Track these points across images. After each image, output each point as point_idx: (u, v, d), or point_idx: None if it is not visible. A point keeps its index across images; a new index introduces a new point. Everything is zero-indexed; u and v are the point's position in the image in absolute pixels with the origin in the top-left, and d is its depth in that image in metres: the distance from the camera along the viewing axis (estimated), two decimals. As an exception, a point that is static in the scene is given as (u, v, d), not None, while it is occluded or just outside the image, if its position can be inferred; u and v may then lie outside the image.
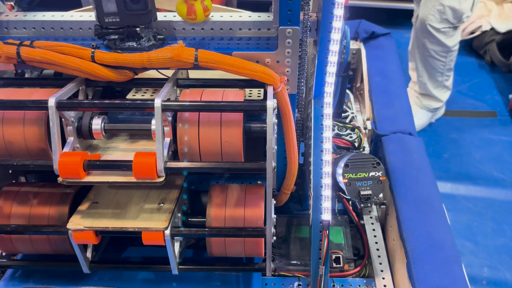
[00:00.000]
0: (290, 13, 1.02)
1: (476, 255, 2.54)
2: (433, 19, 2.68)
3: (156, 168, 1.00)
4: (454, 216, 2.72)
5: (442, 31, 2.74)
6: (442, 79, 3.06)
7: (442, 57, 2.90)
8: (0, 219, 1.13)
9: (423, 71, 3.03)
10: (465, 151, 3.21)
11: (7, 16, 1.16)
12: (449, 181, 3.00)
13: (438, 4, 2.63)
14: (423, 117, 3.28)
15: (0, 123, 1.03)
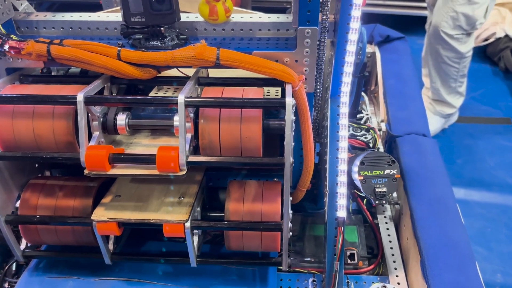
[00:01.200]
0: (309, 14, 1.05)
1: (489, 261, 2.53)
2: (447, 25, 2.70)
3: (179, 161, 1.03)
4: (467, 222, 2.71)
5: (456, 37, 2.76)
6: (455, 85, 3.06)
7: (455, 63, 2.91)
8: (27, 210, 1.18)
9: (436, 77, 3.04)
10: (478, 157, 3.20)
11: (37, 16, 1.21)
12: (463, 187, 2.99)
13: (451, 11, 2.65)
14: (436, 123, 3.28)
15: (31, 117, 1.08)
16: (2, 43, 1.08)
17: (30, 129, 1.08)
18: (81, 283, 1.23)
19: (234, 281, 1.24)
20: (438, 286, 1.13)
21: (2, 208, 1.14)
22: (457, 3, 2.61)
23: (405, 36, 2.05)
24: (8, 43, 1.08)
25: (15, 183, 1.20)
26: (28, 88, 1.13)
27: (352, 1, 1.08)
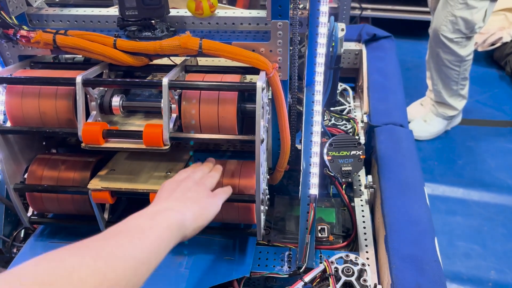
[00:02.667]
0: (280, 9, 1.19)
1: (484, 258, 2.60)
2: (446, 29, 2.77)
3: (162, 137, 1.18)
4: (464, 220, 2.78)
5: (455, 41, 2.83)
6: (457, 88, 3.13)
7: (456, 67, 2.98)
8: (33, 180, 1.34)
9: (438, 79, 3.11)
10: (480, 159, 3.26)
11: (47, 11, 1.38)
12: (462, 186, 3.06)
13: (450, 15, 2.72)
14: (439, 125, 3.35)
15: (37, 97, 1.24)
16: (15, 32, 1.24)
17: (36, 107, 1.24)
18: (80, 248, 1.38)
19: (215, 250, 1.37)
20: (396, 257, 1.23)
21: (12, 177, 1.30)
22: (456, 7, 2.68)
23: (391, 35, 2.16)
24: (20, 33, 1.25)
25: (24, 157, 1.36)
26: (36, 72, 1.29)
27: (320, -3, 1.21)
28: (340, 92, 1.92)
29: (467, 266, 2.47)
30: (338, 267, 1.22)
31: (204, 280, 1.28)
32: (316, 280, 1.24)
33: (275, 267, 1.39)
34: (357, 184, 1.64)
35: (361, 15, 3.94)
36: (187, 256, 1.35)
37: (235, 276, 1.30)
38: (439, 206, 2.84)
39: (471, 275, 2.42)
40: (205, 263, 1.34)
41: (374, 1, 4.19)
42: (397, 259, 1.22)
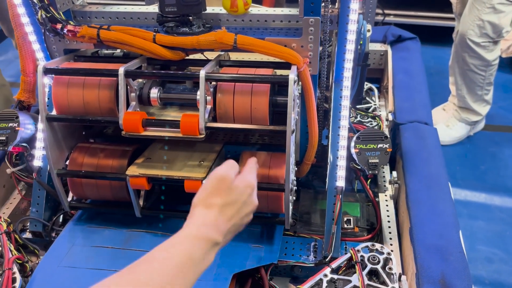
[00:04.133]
0: (313, 6, 1.25)
1: (506, 262, 2.59)
2: (473, 33, 2.78)
3: (198, 126, 1.24)
4: (486, 225, 2.78)
5: (482, 45, 2.83)
6: (481, 93, 3.12)
7: (481, 71, 2.98)
8: (74, 167, 1.42)
9: (462, 84, 3.11)
10: (503, 165, 3.24)
11: (90, 8, 1.47)
12: (484, 191, 3.04)
13: (478, 19, 2.73)
14: (461, 130, 3.34)
15: (81, 87, 1.32)
16: (62, 27, 1.33)
17: (81, 97, 1.32)
18: (115, 233, 1.45)
19: (243, 238, 1.43)
20: (421, 247, 1.27)
21: (55, 163, 1.38)
22: (483, 11, 2.69)
23: (416, 37, 2.19)
24: (67, 27, 1.33)
25: (66, 144, 1.44)
26: (80, 65, 1.38)
27: (350, -4, 1.26)
28: (366, 91, 1.96)
29: (488, 270, 2.47)
30: (364, 256, 1.26)
31: (233, 265, 1.33)
32: (342, 268, 1.28)
33: (301, 256, 1.43)
34: (382, 180, 1.68)
35: (384, 21, 3.97)
36: None
37: (263, 263, 1.35)
38: (461, 210, 2.84)
39: (492, 279, 2.41)
40: (234, 249, 1.39)
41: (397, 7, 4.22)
42: (422, 249, 1.26)
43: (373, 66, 2.15)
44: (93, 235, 1.45)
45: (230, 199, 0.94)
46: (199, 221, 0.90)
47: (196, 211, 0.93)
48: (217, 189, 0.94)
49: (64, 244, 1.42)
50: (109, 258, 1.37)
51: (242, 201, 0.97)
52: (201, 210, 0.92)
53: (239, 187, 0.97)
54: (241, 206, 0.96)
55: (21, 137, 1.52)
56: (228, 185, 0.95)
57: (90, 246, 1.41)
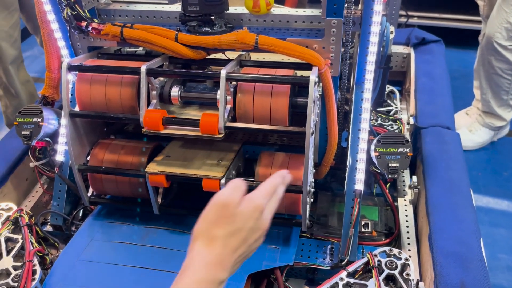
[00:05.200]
0: (335, 7, 1.24)
1: (528, 270, 2.52)
2: (500, 36, 2.72)
3: (218, 125, 1.25)
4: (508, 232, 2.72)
5: (509, 48, 2.77)
6: (507, 97, 3.06)
7: (508, 75, 2.91)
8: (95, 162, 1.44)
9: (488, 89, 3.05)
10: (527, 172, 3.16)
11: (114, 6, 1.49)
12: (507, 199, 2.98)
13: (505, 22, 2.67)
14: (485, 135, 3.28)
15: (104, 84, 1.34)
16: (87, 24, 1.35)
17: (103, 93, 1.34)
18: (133, 228, 1.47)
19: (260, 239, 1.42)
20: (440, 254, 1.25)
21: (77, 159, 1.40)
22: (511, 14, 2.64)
23: (440, 40, 2.16)
24: (91, 25, 1.35)
25: (88, 140, 1.47)
26: (103, 62, 1.40)
27: (374, -3, 1.25)
28: (387, 93, 1.94)
29: (509, 280, 2.41)
30: (381, 260, 1.25)
31: (249, 265, 1.33)
32: (359, 273, 1.27)
33: (318, 259, 1.43)
34: (401, 185, 1.66)
35: (407, 23, 3.92)
36: None
37: (279, 264, 1.35)
38: (482, 217, 2.78)
39: (513, 289, 2.36)
40: (251, 249, 1.39)
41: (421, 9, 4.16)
42: (441, 256, 1.23)
43: (395, 69, 2.12)
44: (111, 230, 1.47)
45: (235, 227, 0.84)
46: (203, 261, 0.81)
47: (197, 247, 0.83)
48: (219, 217, 0.84)
49: (83, 239, 1.44)
50: (127, 253, 1.38)
51: (248, 227, 0.85)
52: (203, 247, 0.82)
53: (244, 212, 0.85)
54: (248, 234, 0.85)
55: (45, 132, 1.55)
56: (231, 211, 0.84)
57: (108, 241, 1.43)
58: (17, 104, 2.70)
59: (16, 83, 2.63)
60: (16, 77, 2.62)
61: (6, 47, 2.48)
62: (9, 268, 1.30)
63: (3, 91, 2.65)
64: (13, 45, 2.56)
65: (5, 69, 2.54)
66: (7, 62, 2.53)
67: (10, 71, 2.57)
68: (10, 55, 2.53)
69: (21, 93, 2.67)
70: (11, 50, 2.52)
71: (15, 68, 2.61)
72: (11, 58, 2.55)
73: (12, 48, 2.55)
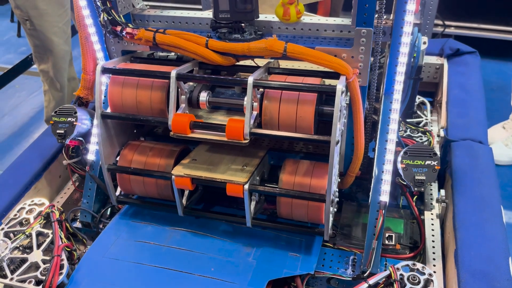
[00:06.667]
0: (366, 17, 1.23)
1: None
2: None
3: (243, 131, 1.26)
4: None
5: None
6: None
7: None
8: (124, 163, 1.48)
9: None
10: None
11: (149, 12, 1.53)
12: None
13: None
14: (522, 151, 3.16)
15: (135, 87, 1.38)
16: (122, 29, 1.40)
17: (134, 96, 1.38)
18: (157, 229, 1.50)
19: (282, 246, 1.43)
20: (466, 272, 1.21)
21: (106, 158, 1.45)
22: None
23: (476, 51, 2.10)
24: (126, 30, 1.40)
25: (118, 141, 1.51)
26: (136, 66, 1.44)
27: (406, 7, 1.24)
28: (418, 104, 1.90)
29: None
30: (404, 274, 1.23)
31: (270, 271, 1.34)
32: (380, 285, 1.25)
33: (339, 269, 1.41)
34: (429, 198, 1.62)
35: (444, 32, 3.84)
36: (255, 248, 1.42)
37: (299, 272, 1.34)
38: (515, 235, 2.69)
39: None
40: (272, 256, 1.39)
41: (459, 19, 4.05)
42: (467, 274, 1.20)
43: (428, 80, 2.08)
44: (137, 230, 1.50)
45: None
46: None
47: None
48: None
49: (110, 237, 1.48)
50: (151, 254, 1.41)
51: None
52: None
53: None
54: None
55: (78, 132, 1.61)
56: None
57: (133, 241, 1.46)
58: (60, 99, 2.77)
59: (63, 78, 2.71)
60: (65, 72, 2.71)
61: (59, 42, 2.57)
62: (38, 262, 1.35)
63: (48, 86, 2.73)
64: (66, 41, 2.64)
65: (54, 64, 2.62)
66: (58, 56, 2.61)
67: (60, 65, 2.65)
68: (62, 50, 2.62)
69: (66, 89, 2.76)
70: (63, 45, 2.61)
71: (65, 63, 2.69)
72: (62, 53, 2.63)
73: (66, 44, 2.64)
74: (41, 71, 2.70)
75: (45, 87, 2.78)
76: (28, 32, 2.55)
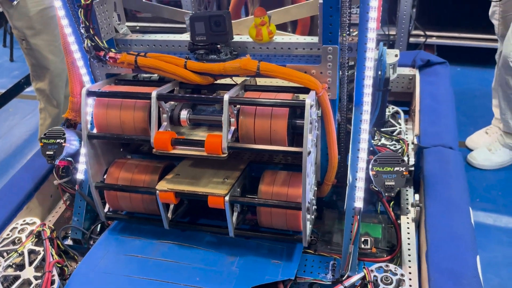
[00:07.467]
0: (331, 35, 1.33)
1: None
2: None
3: (221, 146, 1.34)
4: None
5: None
6: None
7: None
8: (111, 180, 1.55)
9: (506, 109, 3.02)
10: (549, 193, 3.09)
11: (131, 37, 1.62)
12: (527, 218, 2.91)
13: None
14: (504, 155, 3.23)
15: (119, 108, 1.46)
16: (105, 54, 1.48)
17: (118, 117, 1.46)
18: (145, 243, 1.57)
19: (264, 254, 1.49)
20: (435, 271, 1.28)
21: (94, 177, 1.52)
22: None
23: (446, 61, 2.20)
24: (108, 54, 1.48)
25: (105, 160, 1.58)
26: (119, 88, 1.52)
27: (368, 25, 1.33)
28: (392, 114, 1.99)
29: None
30: (377, 275, 1.29)
31: (252, 278, 1.40)
32: (357, 287, 1.31)
33: (320, 274, 1.47)
34: (405, 203, 1.70)
35: (426, 43, 3.95)
36: (239, 257, 1.48)
37: (281, 278, 1.41)
38: (501, 237, 2.75)
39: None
40: (254, 264, 1.46)
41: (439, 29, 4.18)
42: (436, 273, 1.27)
43: (402, 90, 2.18)
44: (125, 244, 1.57)
45: None
46: None
47: None
48: None
49: (100, 252, 1.54)
50: (139, 266, 1.48)
51: None
52: None
53: None
54: None
55: (67, 152, 1.68)
56: None
57: (122, 254, 1.52)
58: (56, 116, 2.83)
59: (60, 95, 2.78)
60: (61, 90, 2.78)
61: (55, 60, 2.65)
62: (30, 278, 1.41)
63: (44, 103, 2.79)
64: (62, 60, 2.70)
65: (51, 81, 2.69)
66: (54, 74, 2.69)
67: (56, 83, 2.73)
68: (58, 68, 2.69)
69: (62, 106, 2.83)
70: (60, 64, 2.68)
71: (62, 81, 2.76)
72: (58, 71, 2.71)
73: (62, 62, 2.70)
74: (37, 89, 2.78)
75: (41, 105, 2.84)
76: (25, 51, 2.64)
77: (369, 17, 1.30)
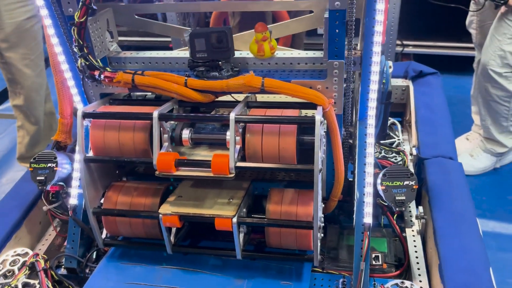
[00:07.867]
0: (337, 50, 1.31)
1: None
2: (495, 64, 2.78)
3: (229, 166, 1.29)
4: (511, 257, 2.71)
5: (504, 75, 2.83)
6: (507, 124, 3.07)
7: (505, 102, 2.95)
8: (109, 205, 1.48)
9: (486, 115, 3.08)
10: (533, 197, 3.15)
11: (125, 54, 1.56)
12: (511, 222, 2.97)
13: (499, 50, 2.74)
14: (486, 161, 3.28)
15: (117, 129, 1.39)
16: (100, 73, 1.42)
17: (116, 138, 1.39)
18: (147, 269, 1.49)
19: (273, 275, 1.45)
20: (452, 286, 1.27)
21: (91, 202, 1.44)
22: (504, 42, 2.70)
23: (437, 72, 2.23)
24: (104, 74, 1.42)
25: (101, 183, 1.51)
26: (115, 108, 1.45)
27: (373, 39, 1.31)
28: (389, 126, 1.99)
29: (521, 306, 2.39)
30: (394, 293, 1.27)
31: (263, 302, 1.35)
32: (372, 306, 1.28)
33: (330, 293, 1.44)
34: (408, 215, 1.69)
35: (403, 52, 4.02)
36: (247, 280, 1.43)
37: (293, 300, 1.37)
38: (489, 242, 2.78)
39: (524, 315, 2.34)
40: (264, 286, 1.41)
41: (416, 38, 4.27)
42: (453, 287, 1.25)
43: (395, 101, 2.19)
44: (126, 272, 1.49)
45: None
46: None
47: None
48: None
49: (99, 281, 1.46)
50: (142, 294, 1.41)
51: None
52: None
53: None
54: None
55: (59, 177, 1.59)
56: None
57: (124, 283, 1.44)
58: (35, 133, 2.69)
59: (38, 112, 2.64)
60: (40, 105, 2.65)
61: (31, 75, 2.54)
62: (27, 314, 1.32)
63: (22, 120, 2.66)
64: (39, 74, 2.60)
65: (27, 96, 2.57)
66: (30, 89, 2.57)
67: (34, 98, 2.60)
68: (35, 82, 2.57)
69: (41, 122, 2.69)
70: (36, 78, 2.57)
71: (39, 96, 2.64)
72: (35, 86, 2.59)
73: (39, 76, 2.60)
74: (14, 106, 2.66)
75: (18, 122, 2.71)
76: (0, 65, 2.52)
77: (375, 31, 1.29)
